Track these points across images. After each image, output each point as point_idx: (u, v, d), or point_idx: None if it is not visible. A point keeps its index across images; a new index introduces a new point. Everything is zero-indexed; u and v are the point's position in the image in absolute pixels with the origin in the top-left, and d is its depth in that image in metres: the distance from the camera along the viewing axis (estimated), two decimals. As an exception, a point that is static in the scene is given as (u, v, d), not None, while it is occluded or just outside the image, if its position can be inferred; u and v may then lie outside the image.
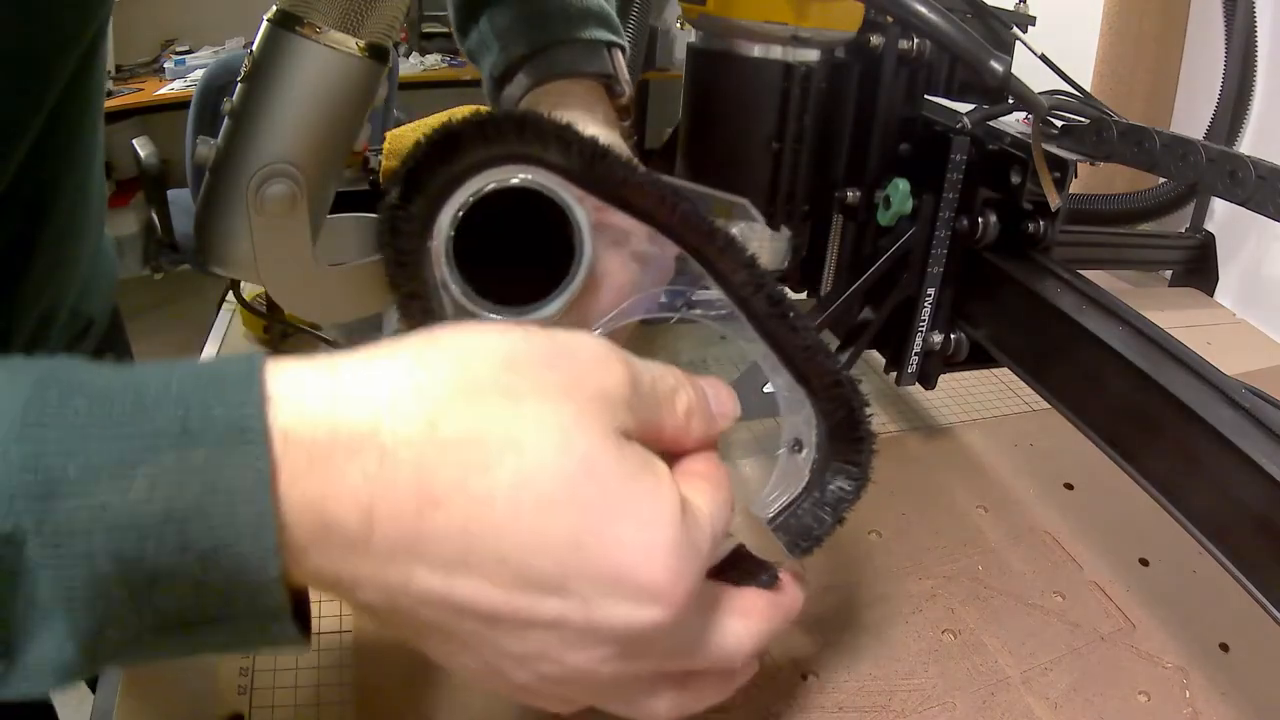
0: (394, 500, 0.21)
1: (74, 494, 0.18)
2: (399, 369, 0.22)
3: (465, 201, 0.29)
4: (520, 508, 0.21)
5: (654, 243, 0.33)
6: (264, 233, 0.46)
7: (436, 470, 0.21)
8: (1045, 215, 0.49)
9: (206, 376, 0.21)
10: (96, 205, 0.52)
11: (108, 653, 0.20)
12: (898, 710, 0.41)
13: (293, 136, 0.45)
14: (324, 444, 0.20)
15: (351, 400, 0.21)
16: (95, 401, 0.19)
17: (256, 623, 0.21)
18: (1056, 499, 0.57)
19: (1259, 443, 0.34)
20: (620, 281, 0.35)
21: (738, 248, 0.33)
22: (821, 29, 0.46)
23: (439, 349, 0.23)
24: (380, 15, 0.45)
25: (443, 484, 0.21)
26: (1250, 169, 0.38)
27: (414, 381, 0.22)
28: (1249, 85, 0.84)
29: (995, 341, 0.52)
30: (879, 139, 0.51)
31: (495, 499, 0.21)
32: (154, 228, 1.88)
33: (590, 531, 0.22)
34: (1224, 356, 0.46)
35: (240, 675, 0.41)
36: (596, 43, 0.47)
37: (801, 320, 0.33)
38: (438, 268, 0.30)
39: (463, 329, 0.24)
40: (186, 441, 0.19)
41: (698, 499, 0.26)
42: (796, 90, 0.48)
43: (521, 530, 0.22)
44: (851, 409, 0.35)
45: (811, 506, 0.35)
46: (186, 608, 0.20)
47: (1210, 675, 0.44)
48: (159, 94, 2.34)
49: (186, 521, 0.19)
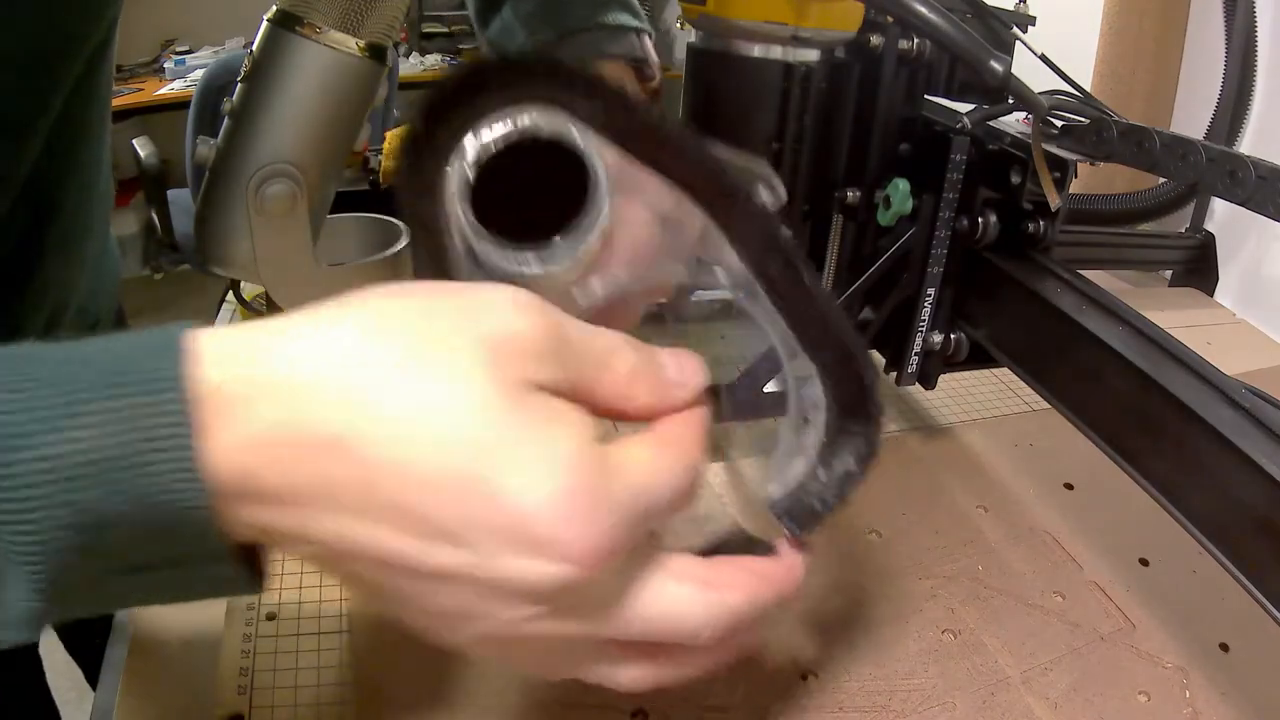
0: (300, 446, 0.21)
1: (25, 446, 0.20)
2: (315, 323, 0.23)
3: (484, 145, 0.28)
4: (414, 453, 0.21)
5: (679, 207, 0.31)
6: (264, 233, 0.46)
7: (337, 415, 0.21)
8: (1045, 215, 0.49)
9: (139, 337, 0.22)
10: (103, 204, 0.52)
11: (75, 600, 0.22)
12: (898, 710, 0.41)
13: (293, 136, 0.45)
14: (240, 395, 0.21)
15: (267, 353, 0.22)
16: (44, 364, 0.21)
17: (203, 568, 0.22)
18: (1056, 499, 0.57)
19: (1259, 443, 0.34)
20: (638, 241, 0.32)
21: (757, 207, 0.31)
22: (821, 29, 0.46)
23: (355, 304, 0.23)
24: (380, 15, 0.45)
25: (343, 428, 0.21)
26: (1250, 169, 0.38)
27: (326, 334, 0.22)
28: (1249, 85, 0.84)
29: (995, 341, 0.52)
30: (879, 139, 0.51)
31: (391, 444, 0.21)
32: (154, 228, 1.88)
33: (482, 478, 0.21)
34: (1224, 356, 0.46)
35: (240, 675, 0.41)
36: (624, 28, 0.47)
37: (819, 287, 0.31)
38: (451, 203, 0.29)
39: (381, 291, 0.24)
40: (117, 393, 0.20)
41: (635, 453, 0.24)
42: (796, 90, 0.48)
43: (415, 475, 0.21)
44: (863, 384, 0.33)
45: (817, 488, 0.33)
46: (138, 553, 0.21)
47: (1210, 675, 0.44)
48: (159, 94, 2.34)
49: (124, 470, 0.20)
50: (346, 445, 0.21)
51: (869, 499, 0.55)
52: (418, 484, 0.21)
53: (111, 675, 0.41)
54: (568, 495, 0.22)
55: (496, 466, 0.21)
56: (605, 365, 0.25)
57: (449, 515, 0.21)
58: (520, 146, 0.28)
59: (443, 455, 0.21)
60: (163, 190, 1.68)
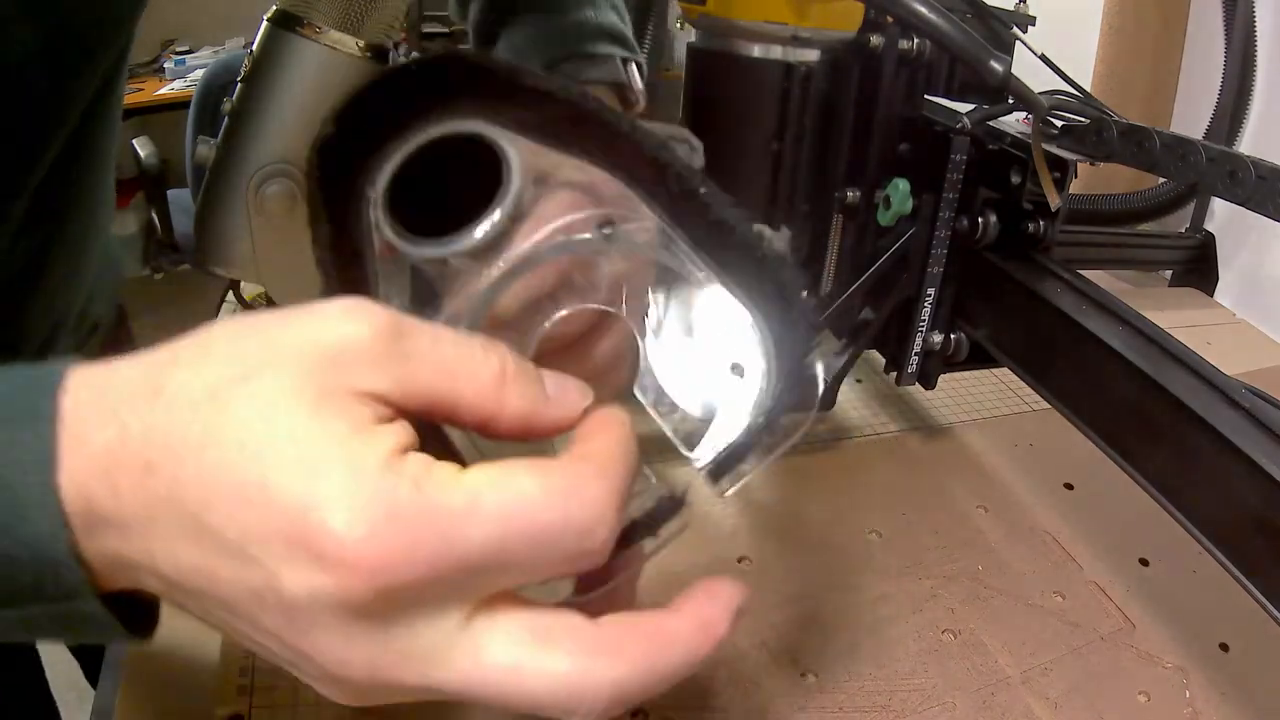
0: (125, 467, 0.21)
1: None
2: (159, 351, 0.23)
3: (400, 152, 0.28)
4: (214, 467, 0.20)
5: (584, 173, 0.29)
6: (264, 233, 0.46)
7: (156, 436, 0.21)
8: (1045, 215, 0.49)
9: (21, 369, 0.22)
10: (106, 213, 0.52)
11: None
12: (898, 710, 0.41)
13: (293, 136, 0.45)
14: (89, 423, 0.21)
15: (115, 384, 0.22)
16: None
17: (66, 603, 0.22)
18: (1056, 499, 0.57)
19: (1259, 443, 0.34)
20: (548, 216, 0.28)
21: (643, 134, 0.28)
22: (821, 29, 0.46)
23: (195, 332, 0.23)
24: (380, 15, 0.45)
25: (157, 448, 0.21)
26: (1250, 169, 0.38)
27: (161, 359, 0.22)
28: (1249, 85, 0.84)
29: (995, 341, 0.52)
30: (879, 139, 0.51)
31: (196, 459, 0.21)
32: (154, 228, 1.88)
33: (267, 484, 0.20)
34: (1224, 356, 0.46)
35: (240, 675, 0.41)
36: (610, 57, 0.48)
37: (715, 197, 0.28)
38: (370, 208, 0.28)
39: (222, 321, 0.23)
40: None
41: (478, 476, 0.21)
42: (796, 90, 0.48)
43: (214, 489, 0.20)
44: (796, 321, 0.28)
45: (748, 443, 0.28)
46: (3, 585, 0.21)
47: (1210, 675, 0.44)
48: (159, 94, 2.34)
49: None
50: (160, 463, 0.21)
51: (869, 499, 0.55)
52: (215, 497, 0.20)
53: (111, 675, 0.41)
54: (352, 500, 0.20)
55: (283, 472, 0.20)
56: (465, 373, 0.23)
57: (234, 526, 0.20)
58: (434, 151, 0.28)
59: (238, 467, 0.20)
60: (163, 190, 1.69)
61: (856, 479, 0.57)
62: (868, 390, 0.68)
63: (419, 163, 0.28)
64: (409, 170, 0.28)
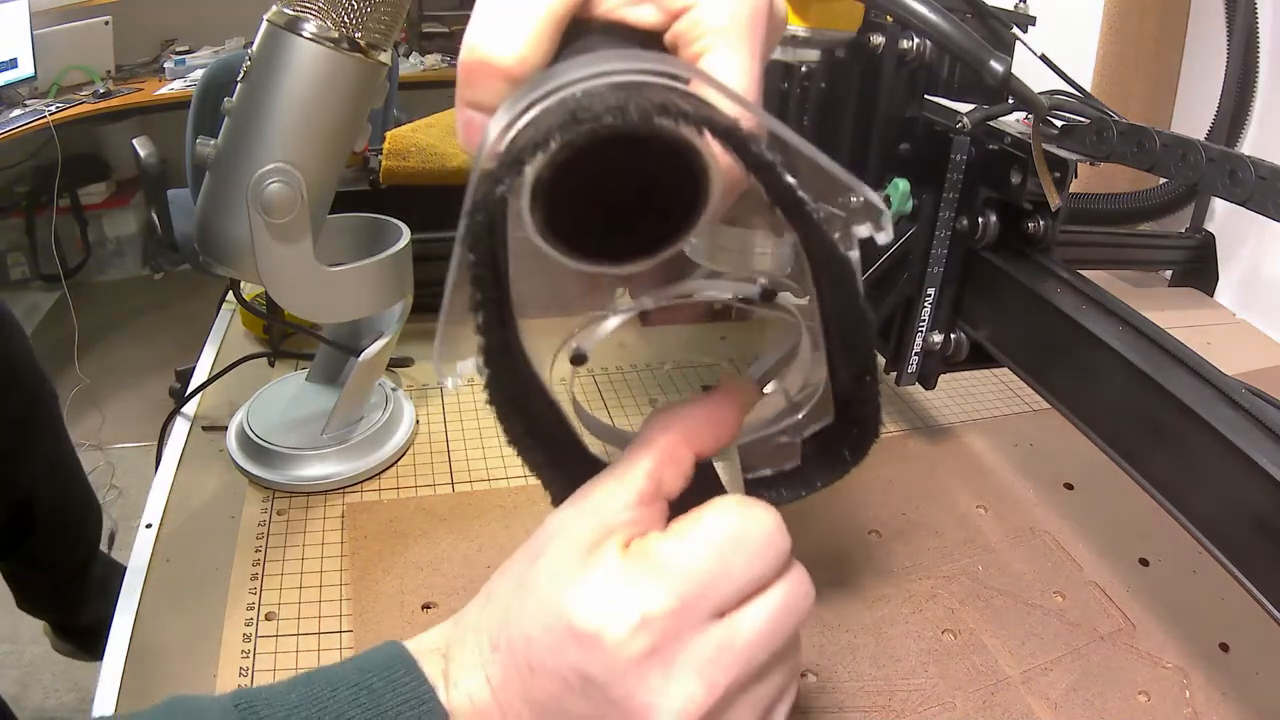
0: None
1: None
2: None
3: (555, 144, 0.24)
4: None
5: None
6: (264, 233, 0.46)
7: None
8: (1045, 215, 0.49)
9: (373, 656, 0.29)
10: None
11: None
12: (898, 710, 0.41)
13: (293, 136, 0.45)
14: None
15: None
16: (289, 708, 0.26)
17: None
18: (1056, 499, 0.57)
19: (1259, 443, 0.34)
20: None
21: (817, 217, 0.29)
22: (821, 29, 0.46)
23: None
24: (380, 15, 0.45)
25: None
26: (1250, 169, 0.38)
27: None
28: (1250, 85, 0.84)
29: (995, 341, 0.52)
30: (879, 139, 0.51)
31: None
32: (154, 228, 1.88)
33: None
34: (1224, 356, 0.46)
35: (240, 675, 0.41)
36: None
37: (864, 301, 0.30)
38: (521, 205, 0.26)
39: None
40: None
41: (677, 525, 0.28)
42: (796, 90, 0.48)
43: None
44: (869, 403, 0.33)
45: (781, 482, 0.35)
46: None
47: (1210, 675, 0.44)
48: (159, 94, 2.34)
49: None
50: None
51: (869, 499, 0.55)
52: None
53: (111, 675, 0.41)
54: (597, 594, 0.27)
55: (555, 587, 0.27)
56: (640, 489, 0.29)
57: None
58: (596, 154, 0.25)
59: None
60: (163, 190, 1.69)
61: (856, 479, 0.57)
62: (868, 390, 0.68)
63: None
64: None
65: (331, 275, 0.49)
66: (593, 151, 0.24)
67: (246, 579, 0.47)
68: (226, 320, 0.76)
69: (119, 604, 0.46)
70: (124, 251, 2.78)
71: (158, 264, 2.72)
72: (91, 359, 2.22)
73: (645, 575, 0.26)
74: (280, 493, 0.54)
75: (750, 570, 0.27)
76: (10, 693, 1.32)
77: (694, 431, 0.30)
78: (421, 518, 0.52)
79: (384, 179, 0.67)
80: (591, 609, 0.25)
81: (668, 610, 0.25)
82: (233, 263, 0.48)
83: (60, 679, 1.38)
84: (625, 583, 0.26)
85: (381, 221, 0.56)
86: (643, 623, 0.25)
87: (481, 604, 0.29)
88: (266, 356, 0.69)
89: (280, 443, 0.55)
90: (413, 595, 0.46)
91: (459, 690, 0.27)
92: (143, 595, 0.46)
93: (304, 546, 0.50)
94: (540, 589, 0.27)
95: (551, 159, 0.24)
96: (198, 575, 0.48)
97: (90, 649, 1.19)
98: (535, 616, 0.26)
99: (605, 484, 0.29)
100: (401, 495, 0.54)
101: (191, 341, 0.79)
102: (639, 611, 0.25)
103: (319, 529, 0.51)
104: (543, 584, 0.27)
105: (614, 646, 0.25)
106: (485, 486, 0.55)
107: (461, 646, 0.28)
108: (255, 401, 0.60)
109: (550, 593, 0.26)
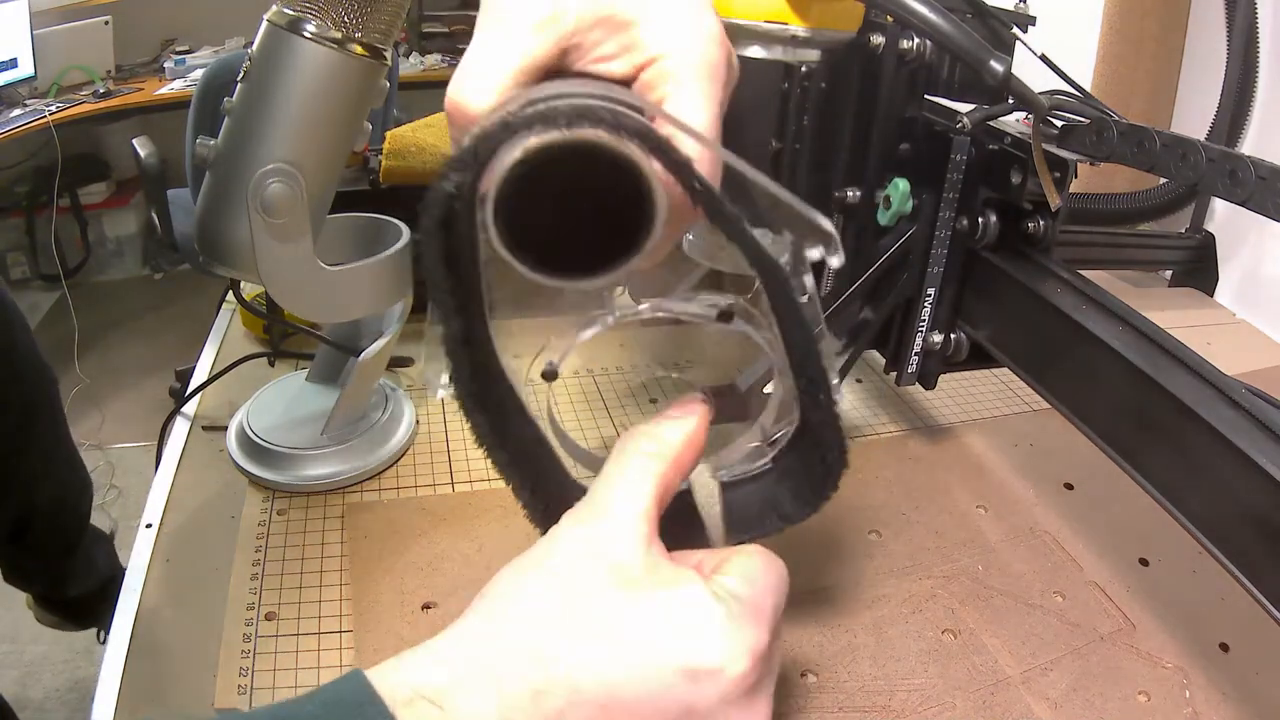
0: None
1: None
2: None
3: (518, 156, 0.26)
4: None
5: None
6: (264, 233, 0.46)
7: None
8: (1045, 215, 0.49)
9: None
10: None
11: None
12: (898, 710, 0.41)
13: (293, 136, 0.45)
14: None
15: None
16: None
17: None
18: (1056, 499, 0.57)
19: (1259, 443, 0.34)
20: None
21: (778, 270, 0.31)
22: (821, 29, 0.46)
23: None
24: (380, 15, 0.45)
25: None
26: (1250, 169, 0.38)
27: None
28: (1250, 85, 0.84)
29: (995, 341, 0.52)
30: (879, 139, 0.51)
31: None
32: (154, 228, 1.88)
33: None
34: (1224, 356, 0.46)
35: (240, 675, 0.41)
36: None
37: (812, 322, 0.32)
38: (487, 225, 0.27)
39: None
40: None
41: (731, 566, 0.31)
42: (796, 90, 0.48)
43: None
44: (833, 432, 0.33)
45: (761, 499, 0.36)
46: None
47: (1210, 675, 0.44)
48: (159, 94, 2.34)
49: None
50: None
51: (869, 499, 0.55)
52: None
53: (111, 676, 0.41)
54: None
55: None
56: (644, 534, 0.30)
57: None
58: (550, 172, 0.27)
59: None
60: (163, 190, 1.69)
61: (856, 479, 0.57)
62: (868, 390, 0.68)
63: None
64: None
65: (331, 275, 0.49)
66: (545, 167, 0.26)
67: (246, 579, 0.47)
68: (226, 320, 0.76)
69: (119, 604, 0.46)
70: (124, 251, 2.78)
71: (158, 264, 2.72)
72: (91, 359, 2.22)
73: (746, 617, 0.29)
74: (280, 493, 0.54)
75: (781, 612, 0.32)
76: (10, 693, 1.32)
77: (682, 463, 0.33)
78: (421, 518, 0.52)
79: (384, 179, 0.67)
80: (710, 648, 0.28)
81: (767, 645, 0.29)
82: (233, 263, 0.48)
83: (60, 679, 1.38)
84: (735, 622, 0.29)
85: (381, 221, 0.56)
86: (756, 659, 0.28)
87: (494, 643, 0.27)
88: (266, 356, 0.69)
89: (280, 443, 0.55)
90: (413, 595, 0.46)
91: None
92: (143, 595, 0.46)
93: (304, 546, 0.50)
94: (618, 628, 0.27)
95: (509, 174, 0.26)
96: (198, 575, 0.48)
97: (77, 619, 1.19)
98: (623, 657, 0.27)
99: (617, 509, 0.30)
100: (401, 495, 0.54)
101: (191, 341, 0.80)
102: (755, 648, 0.29)
103: (319, 529, 0.51)
104: (617, 622, 0.28)
105: (733, 681, 0.28)
106: (485, 486, 0.55)
107: (473, 694, 0.26)
108: (255, 401, 0.60)
109: (642, 632, 0.28)
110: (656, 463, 0.31)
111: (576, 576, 0.28)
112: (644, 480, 0.31)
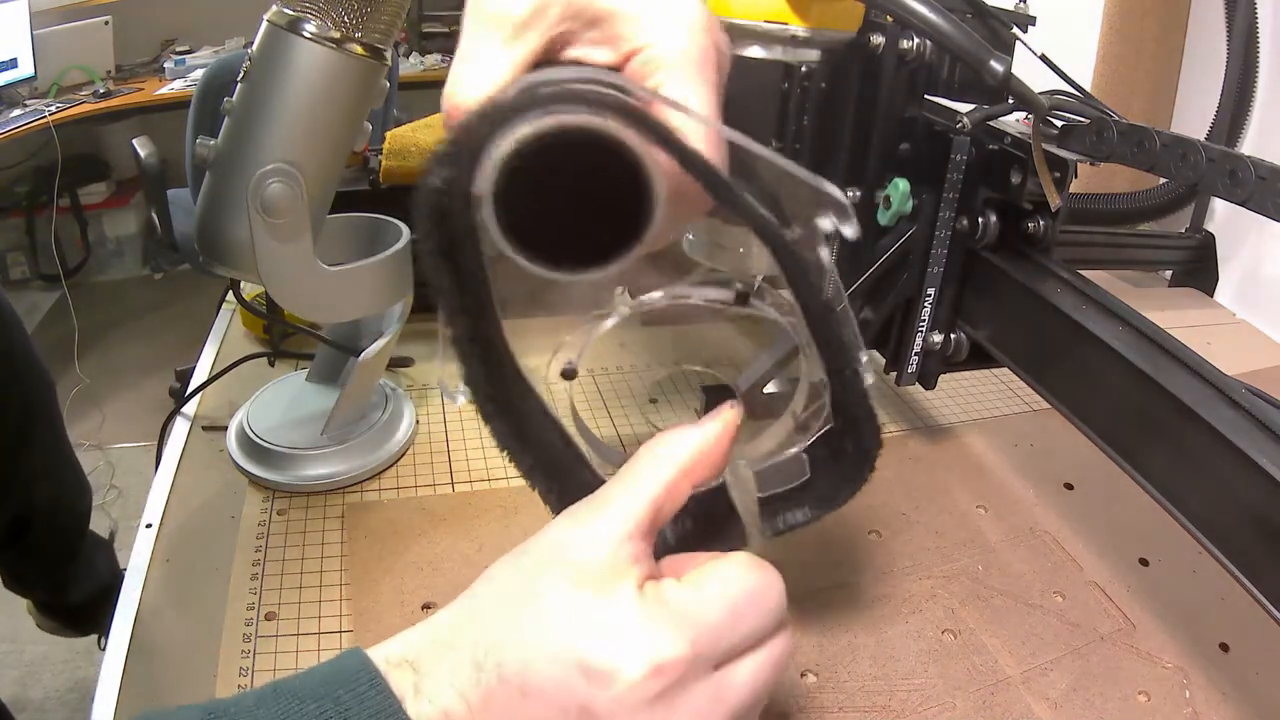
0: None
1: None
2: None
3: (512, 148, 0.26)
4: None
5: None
6: (264, 233, 0.46)
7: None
8: (1045, 215, 0.49)
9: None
10: None
11: None
12: (898, 710, 0.41)
13: (293, 136, 0.45)
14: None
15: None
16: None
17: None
18: (1056, 499, 0.57)
19: (1259, 443, 0.34)
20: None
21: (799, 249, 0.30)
22: (821, 29, 0.46)
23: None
24: (380, 15, 0.45)
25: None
26: (1250, 169, 0.38)
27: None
28: (1250, 85, 0.84)
29: (995, 341, 0.52)
30: (879, 139, 0.51)
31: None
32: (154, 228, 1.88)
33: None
34: (1224, 356, 0.46)
35: (240, 675, 0.41)
36: None
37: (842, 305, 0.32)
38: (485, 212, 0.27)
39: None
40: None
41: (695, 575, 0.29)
42: (796, 90, 0.48)
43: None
44: (866, 412, 0.33)
45: (798, 487, 0.35)
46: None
47: (1210, 675, 0.44)
48: (159, 94, 2.34)
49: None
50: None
51: (869, 499, 0.55)
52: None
53: (111, 675, 0.41)
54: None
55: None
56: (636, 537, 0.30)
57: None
58: (550, 163, 0.27)
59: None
60: (163, 190, 1.69)
61: (856, 479, 0.57)
62: (868, 390, 0.68)
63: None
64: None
65: (331, 275, 0.49)
66: (539, 158, 0.26)
67: (246, 579, 0.47)
68: (226, 320, 0.76)
69: (119, 603, 0.46)
70: (124, 251, 2.78)
71: (158, 264, 2.72)
72: (91, 359, 2.22)
73: (664, 622, 0.27)
74: (280, 493, 0.54)
75: (753, 628, 0.29)
76: (10, 693, 1.32)
77: (693, 468, 0.31)
78: (421, 518, 0.52)
79: (384, 179, 0.67)
80: (609, 648, 0.26)
81: (681, 658, 0.27)
82: (233, 263, 0.48)
83: (60, 679, 1.38)
84: (644, 627, 0.27)
85: (381, 221, 0.56)
86: (657, 669, 0.26)
87: (460, 618, 0.29)
88: (266, 356, 0.69)
89: (280, 442, 0.55)
90: (413, 595, 0.46)
91: (432, 706, 0.27)
92: (143, 595, 0.46)
93: (304, 546, 0.50)
94: (546, 617, 0.27)
95: (504, 167, 0.26)
96: (198, 575, 0.48)
97: (77, 625, 1.19)
98: (539, 644, 0.27)
99: (607, 510, 0.30)
100: (401, 495, 0.54)
101: (191, 341, 0.79)
102: (656, 657, 0.26)
103: (319, 529, 0.51)
104: (548, 612, 0.27)
105: (626, 687, 0.26)
106: (485, 486, 0.55)
107: (436, 662, 0.28)
108: (255, 401, 0.60)
109: (560, 623, 0.27)
110: (666, 467, 0.31)
111: (540, 570, 0.29)
112: (647, 484, 0.30)
